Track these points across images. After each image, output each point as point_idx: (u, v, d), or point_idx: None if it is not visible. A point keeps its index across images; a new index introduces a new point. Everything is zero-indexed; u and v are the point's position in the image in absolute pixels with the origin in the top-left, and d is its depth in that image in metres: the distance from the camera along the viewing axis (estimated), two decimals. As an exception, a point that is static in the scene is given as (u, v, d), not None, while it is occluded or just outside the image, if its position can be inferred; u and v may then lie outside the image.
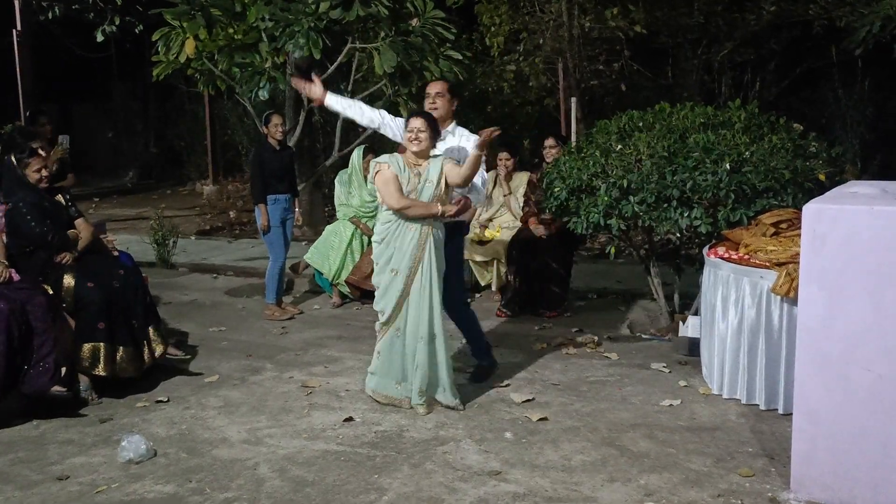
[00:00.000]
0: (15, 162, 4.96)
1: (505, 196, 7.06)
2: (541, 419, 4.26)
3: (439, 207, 4.36)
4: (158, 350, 5.04)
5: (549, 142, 6.83)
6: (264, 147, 6.65)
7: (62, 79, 16.74)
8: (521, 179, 6.96)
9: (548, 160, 6.65)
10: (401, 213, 4.35)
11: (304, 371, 5.22)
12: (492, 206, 7.12)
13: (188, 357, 5.30)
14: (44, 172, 4.97)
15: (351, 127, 10.65)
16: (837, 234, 3.18)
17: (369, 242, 7.06)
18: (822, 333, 3.24)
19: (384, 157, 4.50)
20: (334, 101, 4.92)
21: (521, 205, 6.87)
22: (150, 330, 5.04)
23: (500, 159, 7.05)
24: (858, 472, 3.22)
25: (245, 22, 7.61)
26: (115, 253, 5.40)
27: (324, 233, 7.34)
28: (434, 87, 4.88)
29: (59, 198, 5.17)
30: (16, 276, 4.66)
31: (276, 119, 6.67)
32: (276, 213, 6.55)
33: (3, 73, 11.33)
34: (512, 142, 7.95)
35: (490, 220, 7.14)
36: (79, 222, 5.17)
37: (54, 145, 6.81)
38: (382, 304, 4.45)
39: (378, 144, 8.95)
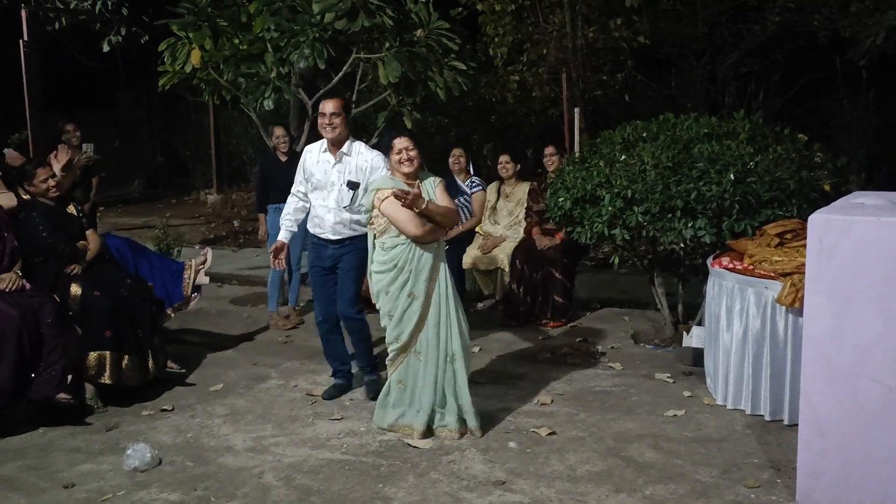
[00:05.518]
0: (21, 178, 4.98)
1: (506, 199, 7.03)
2: (546, 430, 4.25)
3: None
4: (161, 360, 5.06)
5: (549, 150, 6.85)
6: (269, 158, 6.66)
7: (68, 88, 16.80)
8: (523, 190, 6.94)
9: (549, 168, 6.67)
10: (417, 238, 4.13)
11: (309, 380, 5.22)
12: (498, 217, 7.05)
13: (183, 371, 5.28)
14: (51, 182, 4.99)
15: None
16: (846, 246, 3.17)
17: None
18: (830, 345, 3.23)
19: (382, 182, 4.21)
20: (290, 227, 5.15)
21: (524, 215, 6.85)
22: (155, 339, 5.06)
23: (501, 163, 7.03)
24: (867, 484, 3.20)
25: (251, 32, 7.64)
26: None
27: None
28: (329, 106, 4.49)
29: (71, 208, 5.19)
30: (27, 285, 4.67)
31: (277, 131, 6.65)
32: (276, 221, 6.54)
33: (11, 82, 11.38)
34: (516, 151, 7.95)
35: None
36: (88, 233, 5.18)
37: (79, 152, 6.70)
38: (398, 330, 4.21)
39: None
